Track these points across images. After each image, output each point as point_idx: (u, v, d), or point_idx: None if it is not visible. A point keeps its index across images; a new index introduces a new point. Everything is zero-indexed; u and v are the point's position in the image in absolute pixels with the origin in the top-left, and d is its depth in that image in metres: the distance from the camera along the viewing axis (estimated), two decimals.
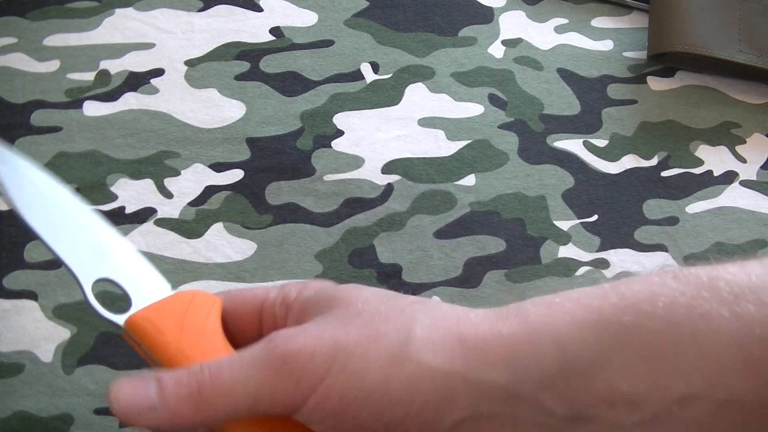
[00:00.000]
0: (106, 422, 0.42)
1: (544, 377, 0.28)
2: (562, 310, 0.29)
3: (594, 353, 0.28)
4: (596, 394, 0.28)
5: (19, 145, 0.49)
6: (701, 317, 0.27)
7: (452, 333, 0.29)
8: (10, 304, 0.44)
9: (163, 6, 0.55)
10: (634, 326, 0.28)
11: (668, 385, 0.27)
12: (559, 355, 0.28)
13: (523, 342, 0.28)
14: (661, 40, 0.56)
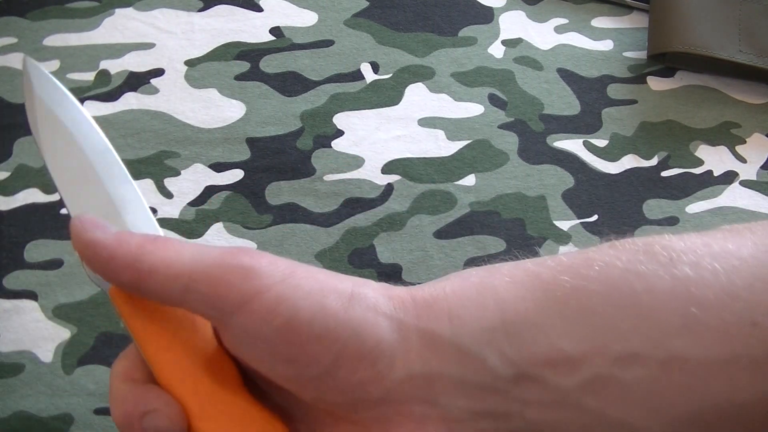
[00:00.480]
0: (106, 422, 0.42)
1: (485, 331, 0.28)
2: (501, 273, 0.30)
3: (533, 312, 0.28)
4: (537, 353, 0.28)
5: (19, 145, 0.49)
6: (638, 277, 0.28)
7: (401, 292, 0.29)
8: (10, 304, 0.44)
9: (163, 6, 0.55)
10: (571, 287, 0.28)
11: (607, 344, 0.27)
12: (499, 310, 0.28)
13: (464, 297, 0.29)
14: (661, 40, 0.56)
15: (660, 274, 0.28)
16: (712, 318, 0.27)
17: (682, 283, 0.28)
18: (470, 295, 0.29)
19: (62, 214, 0.47)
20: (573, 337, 0.28)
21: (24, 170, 0.48)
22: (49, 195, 0.48)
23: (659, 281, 0.28)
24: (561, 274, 0.29)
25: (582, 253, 0.30)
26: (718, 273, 0.28)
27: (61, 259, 0.46)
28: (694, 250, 0.29)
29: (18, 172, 0.48)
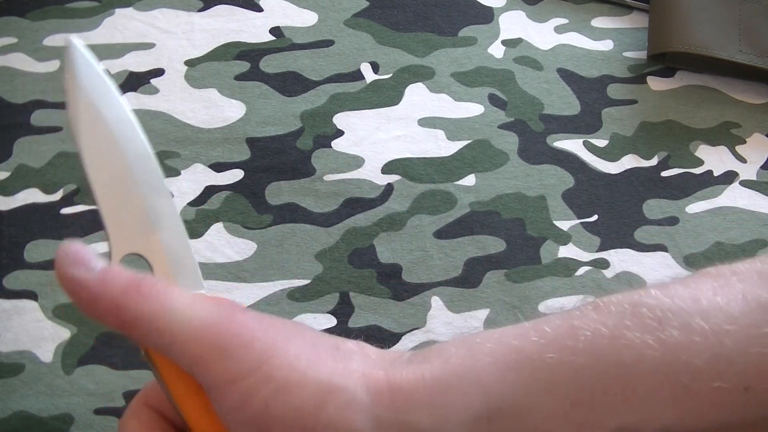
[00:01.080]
0: (106, 422, 0.42)
1: (468, 421, 0.27)
2: (484, 351, 0.28)
3: (518, 395, 0.27)
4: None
5: (19, 145, 0.49)
6: (626, 347, 0.27)
7: (382, 377, 0.28)
8: (10, 304, 0.44)
9: (163, 6, 0.55)
10: (557, 364, 0.27)
11: (598, 422, 0.27)
12: (483, 398, 0.27)
13: (445, 385, 0.28)
14: (661, 40, 0.56)
15: (648, 342, 0.27)
16: (703, 386, 0.27)
17: (672, 351, 0.27)
18: (451, 382, 0.28)
19: (62, 213, 0.47)
20: (561, 418, 0.27)
21: (24, 170, 0.48)
22: (49, 195, 0.48)
23: (648, 350, 0.27)
24: (545, 349, 0.28)
25: (566, 320, 0.28)
26: (708, 336, 0.27)
27: None
28: (683, 310, 0.28)
29: (18, 172, 0.48)
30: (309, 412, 0.27)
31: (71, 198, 0.48)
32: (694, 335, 0.27)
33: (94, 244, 0.46)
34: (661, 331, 0.27)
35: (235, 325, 0.28)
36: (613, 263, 0.49)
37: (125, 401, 0.42)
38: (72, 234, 0.46)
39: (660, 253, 0.50)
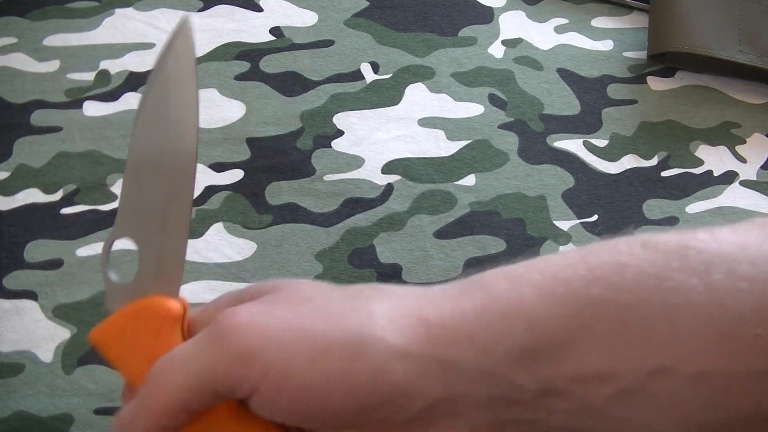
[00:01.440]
0: (106, 422, 0.42)
1: (513, 354, 0.27)
2: (529, 283, 0.28)
3: (563, 330, 0.27)
4: (566, 371, 0.27)
5: (19, 145, 0.49)
6: (672, 290, 0.27)
7: (414, 314, 0.28)
8: (10, 304, 0.44)
9: (163, 6, 0.55)
10: (602, 300, 0.27)
11: (639, 359, 0.27)
12: (528, 331, 0.27)
13: (490, 319, 0.27)
14: (661, 40, 0.56)
15: (694, 286, 0.27)
16: (745, 332, 0.27)
17: (717, 296, 0.27)
18: (494, 317, 0.27)
19: (62, 213, 0.47)
20: (604, 352, 0.27)
21: (24, 170, 0.48)
22: (49, 195, 0.48)
23: (693, 294, 0.27)
24: (592, 285, 0.27)
25: (614, 255, 0.28)
26: (754, 282, 0.27)
27: (61, 259, 0.46)
28: (731, 255, 0.27)
29: (18, 172, 0.48)
30: (342, 378, 0.27)
31: (71, 198, 0.48)
32: (740, 281, 0.27)
33: (94, 244, 0.46)
34: (707, 276, 0.27)
35: (235, 325, 0.28)
36: None
37: None
38: (72, 234, 0.46)
39: None
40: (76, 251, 0.46)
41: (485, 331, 0.27)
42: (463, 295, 0.28)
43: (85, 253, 0.46)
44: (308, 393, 0.27)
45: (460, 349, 0.27)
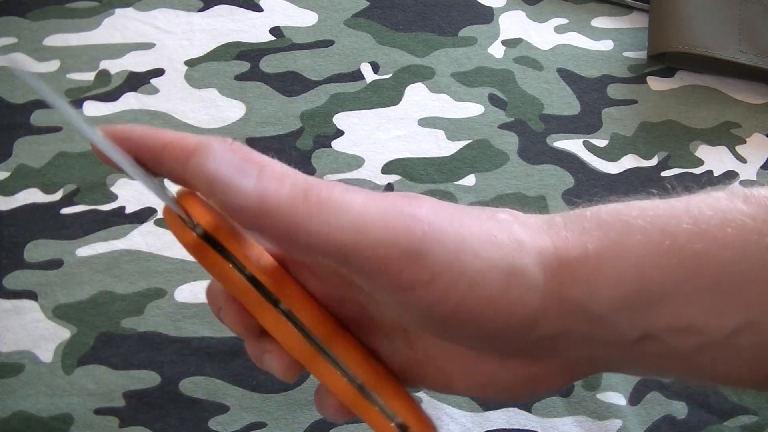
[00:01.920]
0: (106, 422, 0.42)
1: (619, 299, 0.28)
2: (640, 231, 0.29)
3: (667, 281, 0.28)
4: (663, 320, 0.28)
5: (19, 145, 0.49)
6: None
7: (549, 250, 0.29)
8: (10, 304, 0.44)
9: (163, 6, 0.55)
10: (704, 254, 0.28)
11: (730, 315, 0.28)
12: (636, 279, 0.28)
13: (604, 260, 0.28)
14: (661, 40, 0.56)
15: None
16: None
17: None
18: (609, 258, 0.29)
19: (62, 213, 0.47)
20: (699, 305, 0.28)
21: (24, 170, 0.48)
22: (49, 195, 0.48)
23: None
24: (695, 239, 0.28)
25: (717, 211, 0.29)
26: None
27: (61, 259, 0.46)
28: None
29: (18, 172, 0.48)
30: (496, 299, 0.27)
31: (71, 198, 0.48)
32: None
33: (94, 244, 0.46)
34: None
35: (420, 224, 0.27)
36: None
37: (125, 401, 0.42)
38: (72, 234, 0.46)
39: None
40: (76, 251, 0.46)
41: (599, 274, 0.28)
42: (584, 233, 0.30)
43: (85, 253, 0.46)
44: (459, 314, 0.27)
45: (578, 290, 0.28)
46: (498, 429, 0.43)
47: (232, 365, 0.44)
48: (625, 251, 0.29)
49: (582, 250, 0.29)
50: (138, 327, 0.44)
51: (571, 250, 0.29)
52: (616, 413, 0.44)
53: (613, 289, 0.28)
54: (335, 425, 0.43)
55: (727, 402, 0.46)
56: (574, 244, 0.29)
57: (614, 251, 0.29)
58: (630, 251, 0.29)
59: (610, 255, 0.29)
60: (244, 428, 0.43)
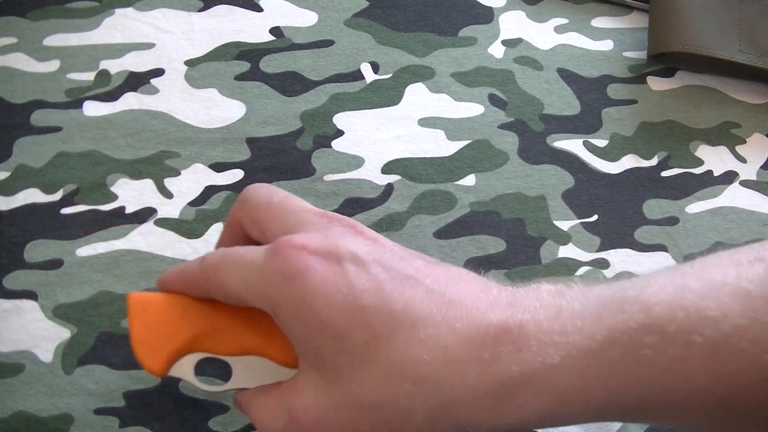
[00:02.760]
0: (106, 422, 0.42)
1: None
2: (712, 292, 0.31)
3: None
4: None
5: (19, 145, 0.49)
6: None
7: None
8: (10, 304, 0.44)
9: (163, 6, 0.55)
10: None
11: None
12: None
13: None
14: (661, 40, 0.56)
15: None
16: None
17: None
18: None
19: (62, 213, 0.47)
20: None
21: (24, 170, 0.48)
22: (49, 195, 0.48)
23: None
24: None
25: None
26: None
27: (61, 259, 0.46)
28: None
29: (18, 172, 0.48)
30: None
31: (71, 198, 0.48)
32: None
33: (94, 244, 0.46)
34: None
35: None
36: (613, 263, 0.49)
37: (125, 401, 0.42)
38: (72, 234, 0.46)
39: (660, 253, 0.50)
40: (76, 251, 0.46)
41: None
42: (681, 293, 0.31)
43: (85, 253, 0.46)
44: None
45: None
46: None
47: None
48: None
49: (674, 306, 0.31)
50: None
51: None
52: None
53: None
54: None
55: None
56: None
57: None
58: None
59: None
60: (244, 428, 0.43)
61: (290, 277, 0.32)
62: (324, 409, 0.32)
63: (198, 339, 0.37)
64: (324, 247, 0.33)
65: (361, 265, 0.32)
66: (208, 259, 0.36)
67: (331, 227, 0.34)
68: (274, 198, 0.37)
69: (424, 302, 0.32)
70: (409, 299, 0.32)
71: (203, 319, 0.37)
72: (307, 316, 0.32)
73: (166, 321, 0.37)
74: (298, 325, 0.32)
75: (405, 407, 0.31)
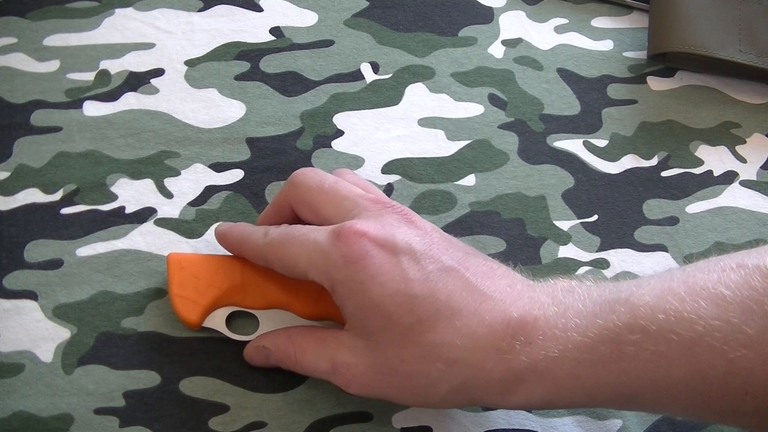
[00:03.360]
0: (106, 422, 0.42)
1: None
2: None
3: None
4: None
5: (19, 145, 0.49)
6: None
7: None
8: (10, 304, 0.44)
9: (163, 6, 0.55)
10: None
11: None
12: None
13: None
14: (661, 40, 0.56)
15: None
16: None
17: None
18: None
19: (62, 213, 0.47)
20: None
21: (24, 170, 0.48)
22: (48, 195, 0.48)
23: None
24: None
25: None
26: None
27: (61, 259, 0.46)
28: None
29: (18, 172, 0.48)
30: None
31: (71, 198, 0.48)
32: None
33: (94, 244, 0.46)
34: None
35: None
36: (613, 263, 0.49)
37: (125, 401, 0.42)
38: (72, 234, 0.46)
39: (660, 253, 0.50)
40: (76, 251, 0.46)
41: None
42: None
43: (85, 253, 0.46)
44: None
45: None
46: (498, 429, 0.43)
47: (232, 365, 0.44)
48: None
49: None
50: (138, 327, 0.44)
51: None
52: (616, 413, 0.44)
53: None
54: (335, 425, 0.43)
55: None
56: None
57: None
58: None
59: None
60: (244, 428, 0.43)
61: (351, 261, 0.37)
62: (363, 368, 0.38)
63: (229, 294, 0.43)
64: (382, 236, 0.37)
65: (414, 257, 0.37)
66: (272, 234, 0.41)
67: (385, 215, 0.39)
68: (325, 183, 0.41)
69: (462, 294, 0.37)
70: (451, 291, 0.37)
71: (234, 277, 0.43)
72: (362, 297, 0.37)
73: (201, 278, 0.43)
74: (353, 303, 0.37)
75: (433, 381, 0.37)
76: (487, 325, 0.36)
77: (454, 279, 0.37)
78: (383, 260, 0.37)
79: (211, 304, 0.43)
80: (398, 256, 0.37)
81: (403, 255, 0.37)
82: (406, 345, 0.37)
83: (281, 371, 0.42)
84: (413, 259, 0.37)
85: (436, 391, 0.37)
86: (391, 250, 0.37)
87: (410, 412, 0.43)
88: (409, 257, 0.37)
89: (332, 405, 0.43)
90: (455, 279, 0.37)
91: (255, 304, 0.43)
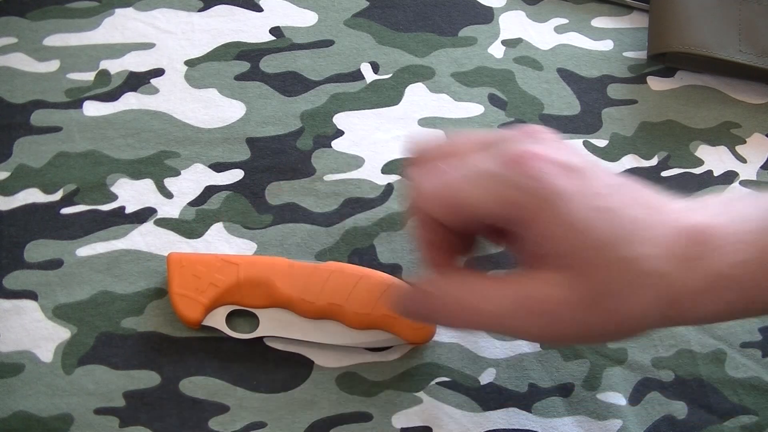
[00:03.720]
0: (106, 422, 0.42)
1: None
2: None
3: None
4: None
5: (19, 145, 0.49)
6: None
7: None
8: (10, 304, 0.44)
9: (163, 6, 0.55)
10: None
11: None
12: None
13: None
14: (661, 40, 0.56)
15: None
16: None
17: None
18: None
19: (62, 213, 0.47)
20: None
21: (24, 170, 0.48)
22: (48, 195, 0.48)
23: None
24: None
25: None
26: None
27: (61, 259, 0.46)
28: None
29: (18, 172, 0.48)
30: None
31: (71, 198, 0.48)
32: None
33: (94, 244, 0.46)
34: None
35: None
36: None
37: (125, 401, 0.42)
38: (72, 234, 0.46)
39: None
40: (76, 251, 0.46)
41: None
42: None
43: (85, 253, 0.46)
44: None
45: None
46: (498, 429, 0.43)
47: (232, 365, 0.44)
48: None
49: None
50: (138, 327, 0.44)
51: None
52: (616, 413, 0.44)
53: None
54: (335, 425, 0.43)
55: (727, 402, 0.46)
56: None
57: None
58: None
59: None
60: (244, 428, 0.43)
61: (540, 182, 0.34)
62: (558, 302, 0.34)
63: (229, 293, 0.43)
64: (554, 155, 0.35)
65: (591, 174, 0.35)
66: (447, 176, 0.36)
67: (538, 141, 0.36)
68: (457, 170, 0.37)
69: (639, 207, 0.35)
70: (630, 205, 0.35)
71: (234, 276, 0.43)
72: (559, 216, 0.34)
73: (202, 277, 0.43)
74: (548, 225, 0.34)
75: (637, 299, 0.34)
76: (672, 233, 0.35)
77: (630, 192, 0.36)
78: (568, 177, 0.34)
79: (211, 302, 0.43)
80: (580, 172, 0.35)
81: (581, 172, 0.35)
82: (608, 263, 0.34)
83: (281, 371, 0.42)
84: (592, 176, 0.35)
85: (639, 311, 0.34)
86: (569, 168, 0.35)
87: (410, 412, 0.43)
88: (588, 173, 0.35)
89: (332, 405, 0.43)
90: (630, 192, 0.36)
91: (255, 303, 0.44)
